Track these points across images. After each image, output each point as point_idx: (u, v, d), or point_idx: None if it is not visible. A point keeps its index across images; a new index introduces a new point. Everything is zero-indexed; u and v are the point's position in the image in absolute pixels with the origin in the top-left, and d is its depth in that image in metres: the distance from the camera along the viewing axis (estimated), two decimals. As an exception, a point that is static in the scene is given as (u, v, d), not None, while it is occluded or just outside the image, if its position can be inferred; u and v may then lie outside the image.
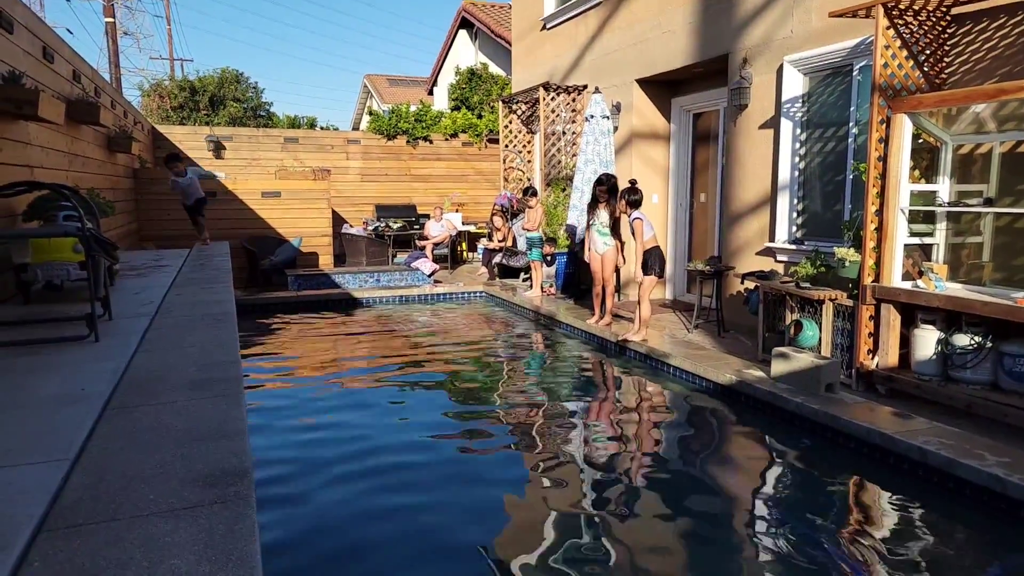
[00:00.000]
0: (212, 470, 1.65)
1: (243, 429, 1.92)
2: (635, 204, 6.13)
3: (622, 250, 6.75)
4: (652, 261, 6.05)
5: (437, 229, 11.59)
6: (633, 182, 6.32)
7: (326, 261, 10.93)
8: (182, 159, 8.72)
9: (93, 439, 1.86)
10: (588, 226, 6.86)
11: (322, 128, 17.71)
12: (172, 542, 1.34)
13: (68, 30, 42.30)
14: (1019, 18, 4.29)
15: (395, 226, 11.85)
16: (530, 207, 8.81)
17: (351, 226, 12.19)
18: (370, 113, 13.98)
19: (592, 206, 6.78)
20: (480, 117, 13.92)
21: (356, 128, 24.41)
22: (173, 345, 2.83)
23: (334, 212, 11.79)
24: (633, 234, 6.14)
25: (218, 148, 12.01)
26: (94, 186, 6.49)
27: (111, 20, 14.08)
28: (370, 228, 11.84)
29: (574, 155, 9.36)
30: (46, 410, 2.07)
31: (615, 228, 6.67)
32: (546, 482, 3.85)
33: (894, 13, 4.41)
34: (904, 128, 4.41)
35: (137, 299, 3.93)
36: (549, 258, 8.86)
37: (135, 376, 2.41)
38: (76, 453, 1.75)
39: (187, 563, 1.26)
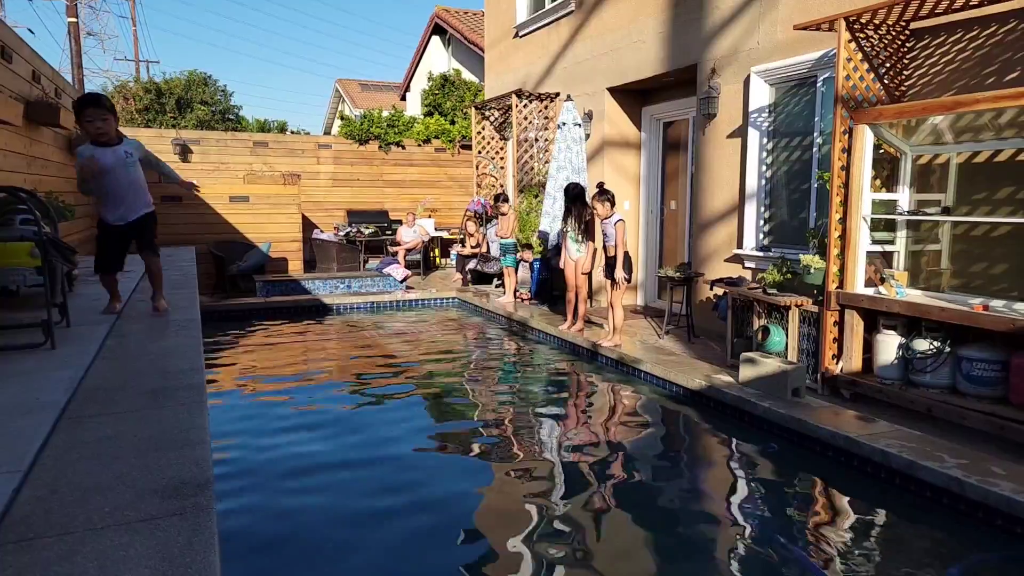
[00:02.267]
0: (171, 481, 1.61)
1: (205, 439, 1.87)
2: (612, 203, 6.18)
3: (595, 253, 6.78)
4: (625, 266, 6.12)
5: (409, 235, 11.53)
6: (600, 184, 6.37)
7: (296, 267, 10.79)
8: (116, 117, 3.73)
9: (47, 450, 1.80)
10: (563, 233, 6.90)
11: (293, 132, 17.51)
12: (127, 556, 1.30)
13: (29, 30, 41.13)
14: (975, 33, 4.44)
15: (367, 231, 11.75)
16: (502, 214, 8.83)
17: (322, 231, 12.06)
18: (342, 118, 13.89)
19: (566, 214, 6.84)
20: (453, 123, 13.91)
21: (327, 133, 24.19)
22: (134, 353, 2.76)
23: (304, 217, 11.65)
24: (605, 236, 6.20)
25: (185, 152, 11.79)
26: (53, 189, 6.32)
27: (74, 20, 13.74)
28: (341, 233, 11.72)
29: (546, 162, 9.41)
30: (-3, 420, 1.99)
31: (587, 233, 6.71)
32: (517, 489, 3.84)
33: (856, 27, 4.53)
34: (866, 139, 4.53)
35: (97, 305, 3.83)
36: (529, 263, 8.85)
37: (93, 385, 2.34)
38: (28, 465, 1.69)
39: (142, 577, 1.23)
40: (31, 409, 2.08)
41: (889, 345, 4.44)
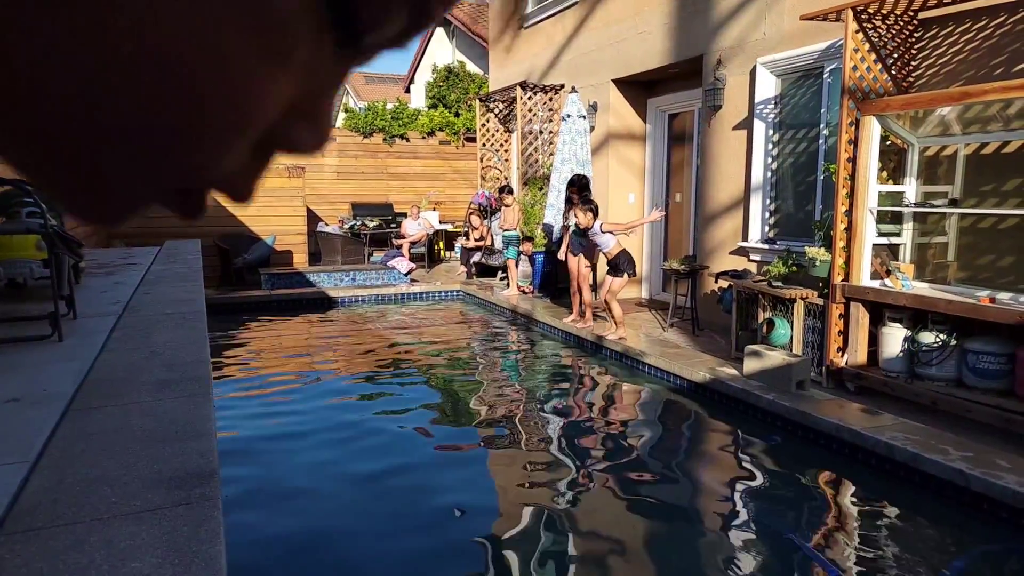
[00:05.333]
0: (177, 471, 1.63)
1: (210, 430, 1.89)
2: (595, 215, 6.00)
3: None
4: (623, 263, 6.04)
5: (414, 227, 11.53)
6: (591, 201, 6.14)
7: (301, 260, 10.80)
8: None
9: (54, 440, 1.81)
10: (565, 226, 6.88)
11: (297, 125, 17.49)
12: (134, 545, 1.31)
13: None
14: (983, 23, 4.40)
15: (371, 224, 11.76)
16: (506, 205, 8.81)
17: (326, 224, 12.06)
18: (346, 110, 13.88)
19: (569, 206, 6.80)
20: (457, 115, 13.88)
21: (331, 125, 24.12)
22: (140, 345, 2.78)
23: (309, 210, 11.66)
24: (599, 246, 6.08)
25: (190, 144, 11.78)
26: (60, 182, 6.33)
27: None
28: (346, 226, 11.73)
29: (551, 154, 9.38)
30: (5, 411, 2.01)
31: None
32: (521, 480, 3.85)
33: (863, 17, 4.49)
34: (872, 130, 4.49)
35: (104, 298, 3.85)
36: (529, 257, 8.84)
37: (100, 376, 2.36)
38: (36, 455, 1.70)
39: (149, 566, 1.24)
40: (38, 400, 2.09)
41: (895, 338, 4.42)
